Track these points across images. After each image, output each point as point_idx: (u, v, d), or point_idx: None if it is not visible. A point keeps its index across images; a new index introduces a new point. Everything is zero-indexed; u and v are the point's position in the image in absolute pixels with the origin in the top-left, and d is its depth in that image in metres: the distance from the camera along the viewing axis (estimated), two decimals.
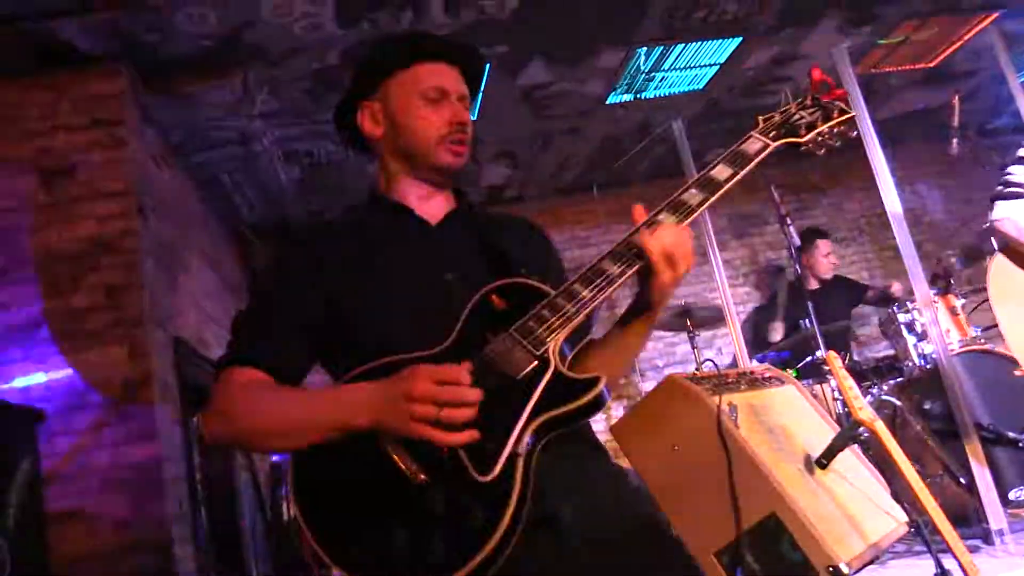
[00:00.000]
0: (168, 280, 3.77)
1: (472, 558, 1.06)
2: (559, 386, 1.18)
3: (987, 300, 2.60)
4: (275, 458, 4.19)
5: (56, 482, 3.04)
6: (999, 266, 2.32)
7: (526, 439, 1.13)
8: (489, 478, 1.10)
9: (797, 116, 1.45)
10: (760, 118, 1.46)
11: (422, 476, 1.13)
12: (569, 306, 1.24)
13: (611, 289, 1.26)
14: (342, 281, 1.38)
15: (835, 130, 1.46)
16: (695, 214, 1.31)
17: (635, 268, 1.27)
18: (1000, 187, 2.40)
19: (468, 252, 1.44)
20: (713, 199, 1.33)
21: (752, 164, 1.37)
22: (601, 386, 1.17)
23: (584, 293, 1.25)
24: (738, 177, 1.34)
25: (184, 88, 3.81)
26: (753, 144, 1.39)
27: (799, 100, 1.49)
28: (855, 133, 1.48)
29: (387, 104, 1.47)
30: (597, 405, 1.17)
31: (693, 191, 1.33)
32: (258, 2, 3.29)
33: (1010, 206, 2.33)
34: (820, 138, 1.45)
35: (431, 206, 1.49)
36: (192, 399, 3.54)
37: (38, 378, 3.19)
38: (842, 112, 1.46)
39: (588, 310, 1.24)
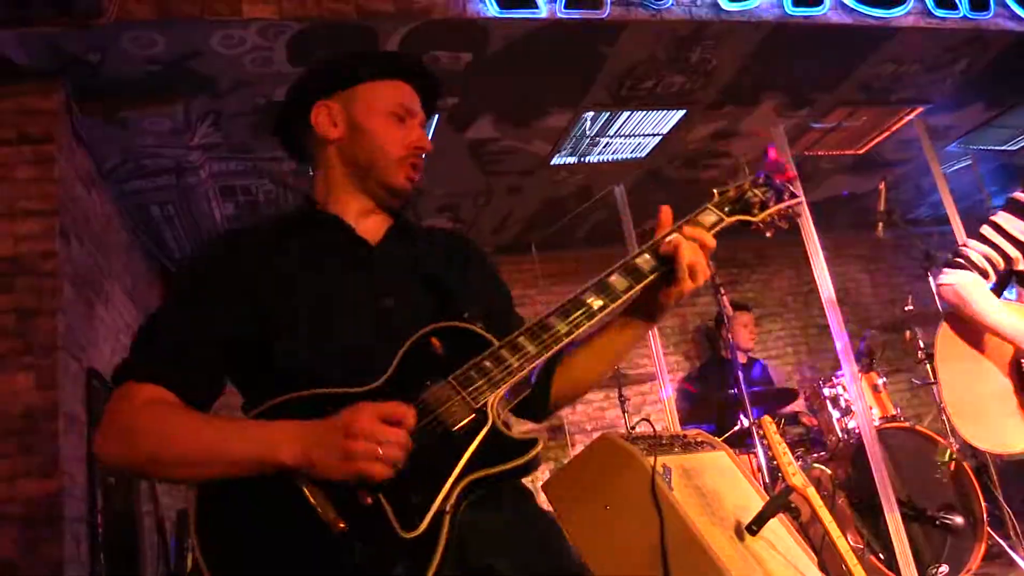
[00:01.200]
0: (86, 309, 3.58)
1: None
2: (494, 444, 1.14)
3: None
4: (183, 505, 3.98)
5: None
6: (945, 334, 2.40)
7: (455, 496, 1.09)
8: (413, 534, 1.05)
9: (751, 194, 1.45)
10: (716, 191, 1.46)
11: (342, 524, 1.06)
12: (512, 360, 1.20)
13: (557, 347, 1.23)
14: (269, 297, 1.28)
15: (783, 213, 1.48)
16: (647, 279, 1.33)
17: (651, 277, 1.30)
18: (950, 255, 2.49)
19: (408, 277, 1.39)
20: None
21: None
22: (538, 449, 1.14)
23: (529, 348, 1.22)
24: None
25: (122, 111, 3.68)
26: (708, 217, 1.40)
27: (753, 177, 1.49)
28: (800, 217, 1.52)
29: (350, 108, 1.43)
30: (531, 467, 1.14)
31: (647, 256, 1.34)
32: (209, 31, 3.23)
33: (956, 275, 2.41)
34: (770, 218, 1.46)
35: (370, 224, 1.43)
36: None
37: None
38: (792, 196, 1.49)
39: (532, 366, 1.21)
